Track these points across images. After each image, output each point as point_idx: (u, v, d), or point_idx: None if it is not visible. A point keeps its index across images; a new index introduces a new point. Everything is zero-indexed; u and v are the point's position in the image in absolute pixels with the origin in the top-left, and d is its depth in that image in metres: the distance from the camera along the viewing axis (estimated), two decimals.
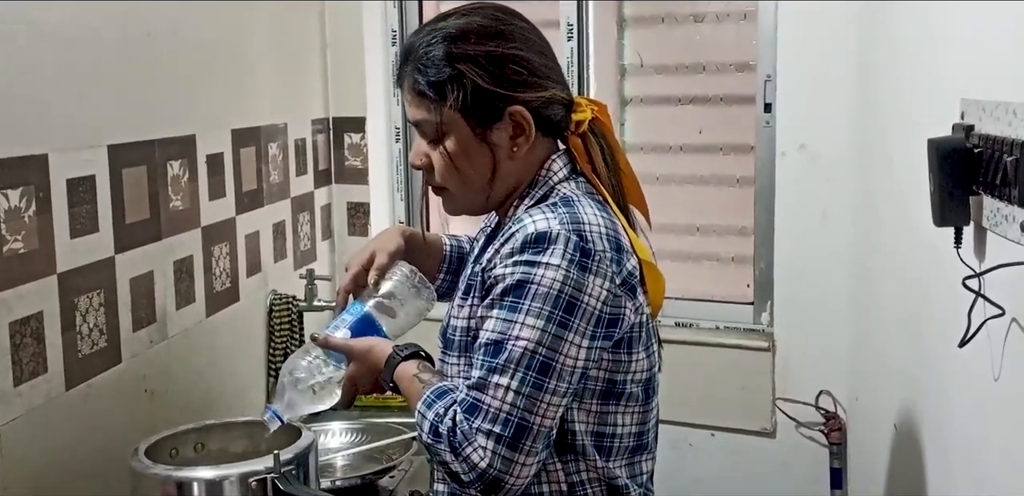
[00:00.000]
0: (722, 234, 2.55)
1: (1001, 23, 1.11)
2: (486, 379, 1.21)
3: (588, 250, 1.22)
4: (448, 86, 1.28)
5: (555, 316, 1.20)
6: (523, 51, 1.30)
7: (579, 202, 1.28)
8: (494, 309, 1.23)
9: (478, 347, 1.24)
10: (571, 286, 1.20)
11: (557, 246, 1.21)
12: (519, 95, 1.29)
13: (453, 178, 1.34)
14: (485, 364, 1.22)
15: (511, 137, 1.31)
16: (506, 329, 1.21)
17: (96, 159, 1.68)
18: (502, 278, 1.23)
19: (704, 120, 2.54)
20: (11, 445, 1.47)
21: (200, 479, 1.48)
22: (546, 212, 1.26)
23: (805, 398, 2.34)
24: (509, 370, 1.20)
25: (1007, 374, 1.08)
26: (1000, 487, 1.12)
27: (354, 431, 2.16)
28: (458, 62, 1.28)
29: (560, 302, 1.20)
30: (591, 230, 1.24)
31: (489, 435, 1.19)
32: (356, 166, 2.69)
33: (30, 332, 1.51)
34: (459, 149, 1.31)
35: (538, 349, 1.20)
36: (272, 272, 2.35)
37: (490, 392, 1.20)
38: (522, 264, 1.22)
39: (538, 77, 1.31)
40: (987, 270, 1.09)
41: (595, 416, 1.30)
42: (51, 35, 1.57)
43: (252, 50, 2.25)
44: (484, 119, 1.30)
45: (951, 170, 1.14)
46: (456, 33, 1.29)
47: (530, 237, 1.22)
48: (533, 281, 1.20)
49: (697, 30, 2.53)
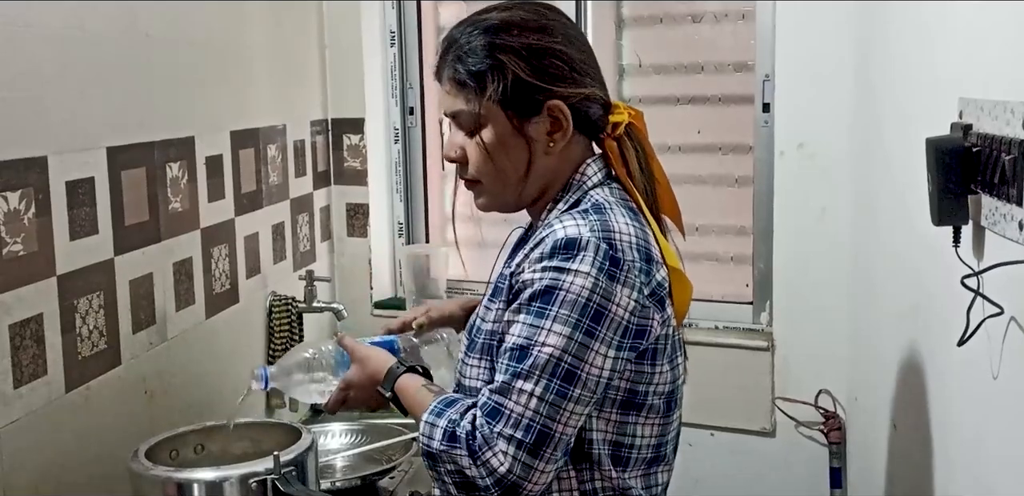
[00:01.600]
0: (721, 234, 2.55)
1: (998, 22, 1.11)
2: (510, 384, 1.19)
3: (618, 259, 1.21)
4: (489, 76, 1.28)
5: (582, 324, 1.19)
6: (564, 46, 1.30)
7: (611, 210, 1.27)
8: (520, 314, 1.22)
9: (503, 351, 1.23)
10: (599, 295, 1.19)
11: (587, 253, 1.20)
12: (558, 89, 1.28)
13: (488, 170, 1.32)
14: (509, 369, 1.20)
15: (548, 132, 1.30)
16: (532, 335, 1.20)
17: (95, 161, 1.68)
18: (530, 283, 1.22)
19: (703, 120, 2.54)
20: (11, 447, 1.47)
21: (200, 480, 1.48)
22: (577, 219, 1.24)
23: (804, 397, 2.34)
24: (534, 376, 1.18)
25: (1006, 373, 1.08)
26: (1000, 485, 1.12)
27: (354, 432, 2.16)
28: (500, 53, 1.27)
29: (588, 310, 1.19)
30: (621, 239, 1.23)
31: (510, 440, 1.18)
32: (355, 167, 2.69)
33: (30, 334, 1.52)
34: (496, 141, 1.30)
35: (564, 357, 1.18)
36: (271, 273, 2.35)
37: (513, 397, 1.19)
38: (551, 270, 1.21)
39: (578, 73, 1.30)
40: (986, 269, 1.09)
41: (614, 426, 1.28)
42: (50, 37, 1.57)
43: (251, 52, 2.25)
44: (523, 111, 1.29)
45: (949, 169, 1.15)
46: (499, 25, 1.29)
47: (560, 243, 1.21)
48: (561, 287, 1.19)
49: (695, 30, 2.53)
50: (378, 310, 2.71)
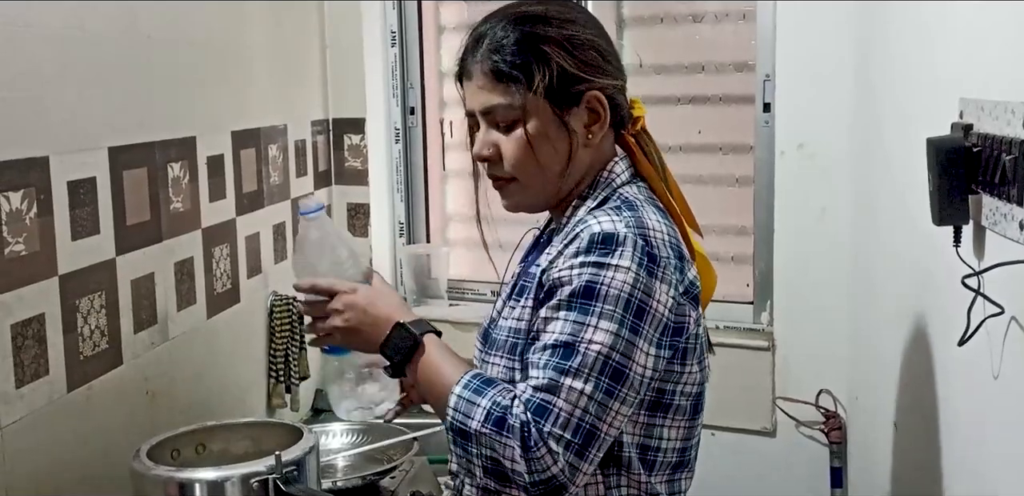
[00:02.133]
0: (721, 234, 2.55)
1: (999, 22, 1.11)
2: (558, 381, 1.15)
3: (655, 255, 1.20)
4: (535, 67, 1.26)
5: (627, 320, 1.17)
6: (597, 38, 1.30)
7: (643, 207, 1.26)
8: (561, 310, 1.19)
9: (542, 348, 1.19)
10: (641, 290, 1.17)
11: (626, 248, 1.18)
12: (598, 80, 1.28)
13: (529, 165, 1.29)
14: (553, 365, 1.16)
15: (586, 124, 1.29)
16: (578, 331, 1.17)
17: (97, 161, 1.68)
18: (568, 280, 1.19)
19: (703, 120, 2.54)
20: (13, 447, 1.47)
21: (202, 480, 1.48)
22: (611, 214, 1.23)
23: (805, 397, 2.34)
24: (583, 374, 1.15)
25: (1007, 372, 1.08)
26: (1000, 485, 1.12)
27: (355, 432, 2.16)
28: (543, 44, 1.26)
29: (631, 306, 1.17)
30: (655, 236, 1.21)
31: (559, 440, 1.14)
32: (356, 167, 2.69)
33: (32, 334, 1.52)
34: (540, 134, 1.28)
35: (612, 354, 1.16)
36: (272, 273, 2.35)
37: (563, 395, 1.15)
38: (590, 265, 1.18)
39: (611, 65, 1.31)
40: (986, 269, 1.09)
41: (641, 427, 1.26)
42: (51, 37, 1.57)
43: (251, 52, 2.25)
44: (564, 103, 1.28)
45: (950, 169, 1.15)
46: (537, 17, 1.28)
47: (597, 237, 1.20)
48: (603, 282, 1.17)
49: (696, 30, 2.53)
50: None
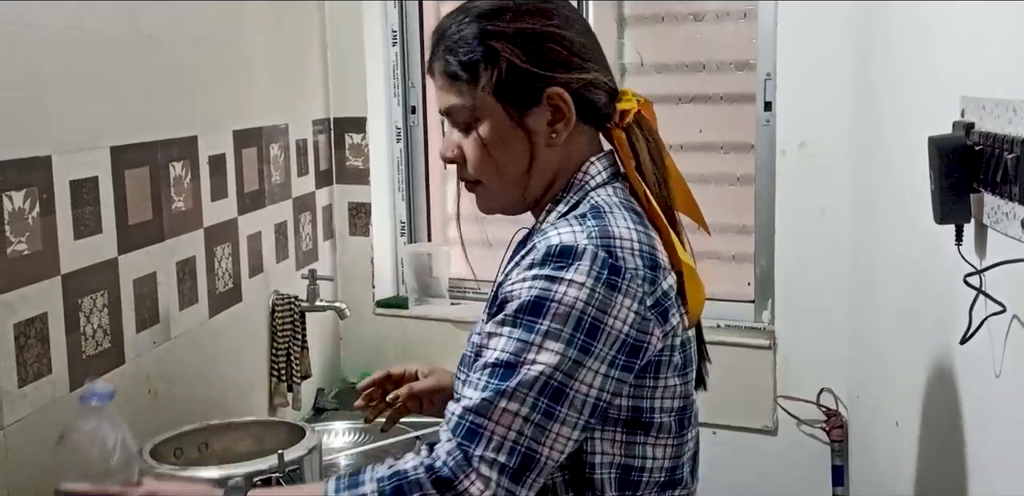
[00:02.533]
0: (722, 232, 2.55)
1: (1000, 20, 1.11)
2: (492, 402, 1.08)
3: (618, 268, 1.11)
4: (481, 66, 1.19)
5: (576, 340, 1.09)
6: (562, 29, 1.20)
7: (611, 213, 1.17)
8: (505, 327, 1.11)
9: (482, 367, 1.11)
10: (595, 307, 1.09)
11: (583, 262, 1.10)
12: (558, 76, 1.19)
13: (488, 169, 1.23)
14: (491, 386, 1.09)
15: (550, 122, 1.20)
16: (521, 350, 1.09)
17: (99, 161, 1.69)
18: (518, 293, 1.11)
19: (704, 119, 2.54)
20: (16, 445, 1.47)
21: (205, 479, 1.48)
22: (573, 224, 1.15)
23: (806, 396, 2.34)
24: (520, 395, 1.08)
25: (1008, 371, 1.08)
26: (1002, 482, 1.12)
27: (357, 431, 2.16)
28: (492, 40, 1.18)
29: (583, 324, 1.09)
30: (622, 245, 1.13)
31: (493, 464, 1.07)
32: (357, 166, 2.69)
33: (34, 333, 1.52)
34: (494, 135, 1.21)
35: (555, 374, 1.08)
36: (274, 272, 2.35)
37: (496, 417, 1.08)
38: (542, 279, 1.10)
39: (579, 58, 1.21)
40: (988, 267, 1.09)
41: (620, 447, 1.17)
42: (53, 37, 1.57)
43: (253, 51, 2.25)
44: (520, 102, 1.19)
45: (952, 168, 1.15)
46: (489, 11, 1.20)
47: (553, 250, 1.12)
48: (553, 299, 1.09)
49: (697, 29, 2.53)
50: (380, 309, 2.72)
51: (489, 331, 1.14)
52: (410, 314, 2.68)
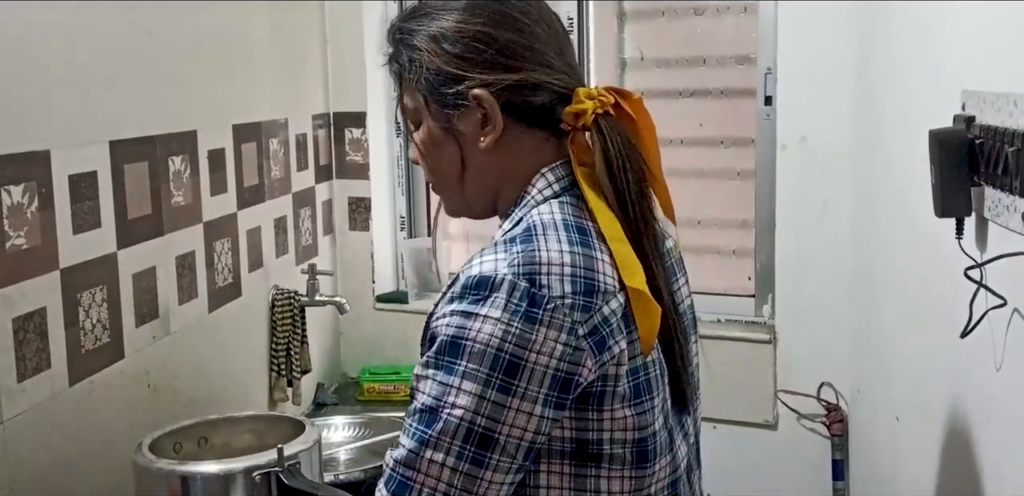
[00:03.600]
0: (723, 227, 2.55)
1: (1001, 14, 1.11)
2: (417, 453, 1.02)
3: (539, 298, 1.01)
4: (407, 67, 1.15)
5: (494, 380, 1.00)
6: (490, 27, 1.12)
7: (543, 235, 1.06)
8: (429, 369, 1.04)
9: (413, 411, 1.05)
10: (512, 343, 1.00)
11: (499, 294, 1.01)
12: (479, 76, 1.11)
13: (427, 172, 1.21)
14: (417, 434, 1.03)
15: (481, 125, 1.13)
16: (441, 395, 1.02)
17: (98, 155, 1.68)
18: (440, 330, 1.04)
19: (705, 113, 2.54)
20: (16, 440, 1.47)
21: (204, 474, 1.48)
22: (498, 251, 1.06)
23: (807, 390, 2.34)
24: (444, 444, 1.01)
25: (1009, 364, 1.08)
26: (1003, 477, 1.12)
27: (357, 425, 2.16)
28: (415, 40, 1.14)
29: (499, 363, 1.00)
30: (551, 271, 1.03)
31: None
32: (357, 161, 2.69)
33: (33, 328, 1.52)
34: (428, 138, 1.17)
35: (476, 419, 1.01)
36: (274, 267, 2.35)
37: (423, 468, 1.02)
38: (458, 315, 1.03)
39: (506, 57, 1.12)
40: (989, 260, 1.09)
41: (570, 479, 1.08)
42: (52, 32, 1.57)
43: (252, 46, 2.25)
44: (445, 104, 1.14)
45: (953, 161, 1.15)
46: (421, 11, 1.16)
47: (471, 281, 1.03)
48: (467, 337, 1.01)
49: (697, 23, 2.53)
50: (380, 303, 2.72)
51: (416, 374, 1.07)
52: (410, 309, 2.68)
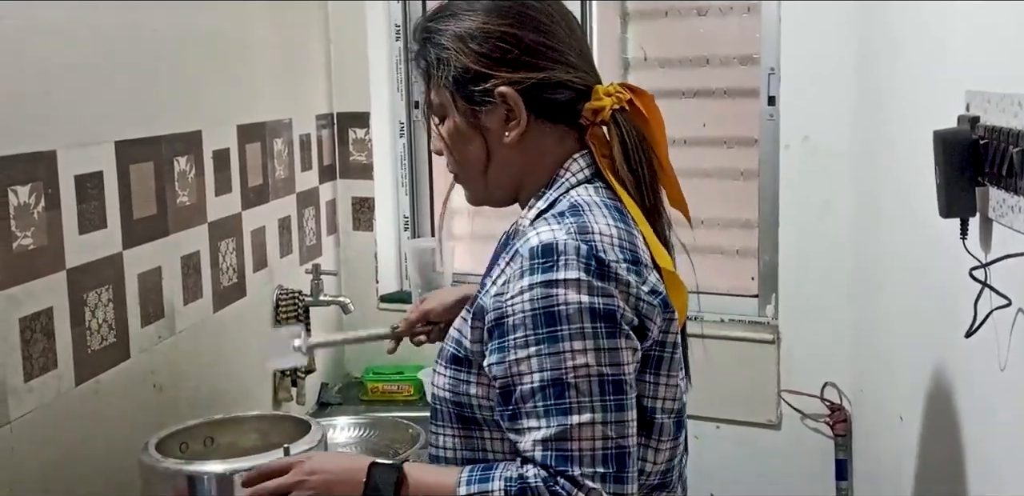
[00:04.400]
0: (726, 227, 2.55)
1: (1004, 14, 1.11)
2: (566, 424, 1.09)
3: (602, 258, 1.11)
4: (435, 65, 1.22)
5: (599, 329, 1.10)
6: (515, 28, 1.20)
7: (590, 211, 1.16)
8: (530, 347, 1.10)
9: (531, 393, 1.10)
10: (599, 295, 1.10)
11: (568, 257, 1.10)
12: (506, 75, 1.19)
13: (453, 163, 1.27)
14: (553, 409, 1.09)
15: (505, 121, 1.21)
16: (559, 363, 1.09)
17: (103, 155, 1.69)
18: (521, 308, 1.11)
19: (708, 113, 2.54)
20: (23, 440, 1.48)
21: (210, 473, 1.49)
22: (551, 223, 1.15)
23: (810, 390, 2.35)
24: (586, 404, 1.09)
25: (1013, 364, 1.08)
26: (1007, 477, 1.12)
27: (360, 425, 2.17)
28: (444, 39, 1.21)
29: (597, 313, 1.10)
30: (602, 240, 1.13)
31: (594, 477, 1.08)
32: (361, 161, 2.69)
33: (40, 328, 1.52)
34: (454, 132, 1.24)
35: (602, 370, 1.09)
36: (278, 267, 2.35)
37: (577, 435, 1.09)
38: (538, 286, 1.10)
39: (531, 56, 1.20)
40: (993, 261, 1.09)
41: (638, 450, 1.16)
42: (57, 32, 1.57)
43: (256, 46, 2.25)
44: (473, 101, 1.21)
45: (957, 162, 1.15)
46: (448, 11, 1.23)
47: (536, 251, 1.11)
48: (557, 303, 1.09)
49: (700, 24, 2.53)
50: (384, 303, 2.72)
51: (517, 357, 1.12)
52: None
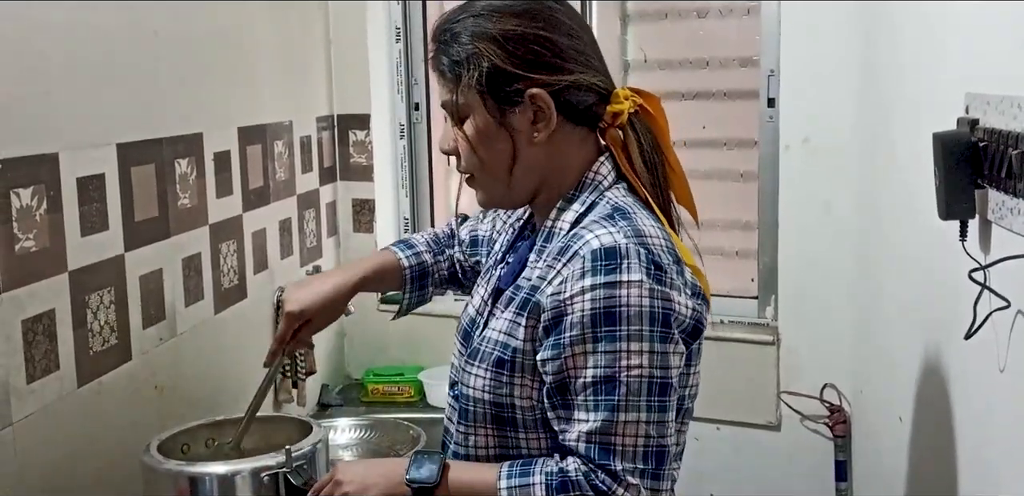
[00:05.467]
0: (726, 228, 2.56)
1: (1005, 17, 1.12)
2: (612, 420, 1.15)
3: (659, 263, 1.17)
4: (464, 65, 1.23)
5: (655, 333, 1.15)
6: (548, 31, 1.23)
7: (635, 214, 1.22)
8: (588, 344, 1.16)
9: (583, 387, 1.16)
10: (659, 299, 1.16)
11: (631, 260, 1.15)
12: (538, 77, 1.22)
13: (474, 163, 1.27)
14: (602, 404, 1.15)
15: (532, 122, 1.24)
16: (613, 362, 1.15)
17: (105, 157, 1.69)
18: (582, 307, 1.16)
19: (708, 115, 2.54)
20: (25, 441, 1.48)
21: (212, 474, 1.49)
22: (606, 225, 1.19)
23: (810, 391, 2.35)
24: (633, 403, 1.15)
25: (1013, 366, 1.09)
26: (1006, 478, 1.13)
27: (361, 427, 2.17)
28: (476, 40, 1.23)
29: (656, 317, 1.15)
30: (654, 243, 1.19)
31: (634, 472, 1.15)
32: (361, 163, 2.70)
33: (42, 330, 1.53)
34: (477, 132, 1.25)
35: (653, 372, 1.15)
36: (279, 269, 2.36)
37: (621, 431, 1.15)
38: (601, 287, 1.15)
39: (562, 59, 1.23)
40: (993, 263, 1.09)
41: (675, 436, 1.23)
42: (59, 35, 1.58)
43: (257, 48, 2.26)
44: (502, 101, 1.23)
45: (956, 164, 1.15)
46: (479, 11, 1.24)
47: (599, 253, 1.16)
48: (620, 304, 1.14)
49: (700, 25, 2.54)
50: (384, 305, 2.72)
51: (574, 353, 1.17)
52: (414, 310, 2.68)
